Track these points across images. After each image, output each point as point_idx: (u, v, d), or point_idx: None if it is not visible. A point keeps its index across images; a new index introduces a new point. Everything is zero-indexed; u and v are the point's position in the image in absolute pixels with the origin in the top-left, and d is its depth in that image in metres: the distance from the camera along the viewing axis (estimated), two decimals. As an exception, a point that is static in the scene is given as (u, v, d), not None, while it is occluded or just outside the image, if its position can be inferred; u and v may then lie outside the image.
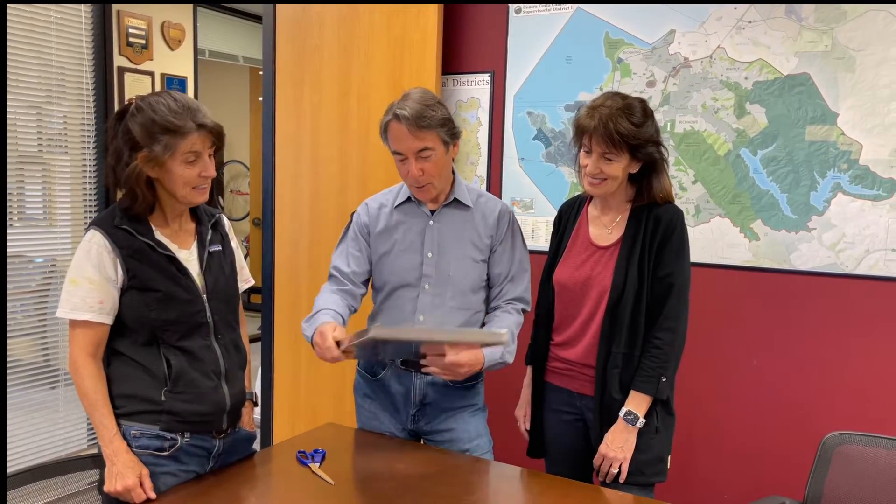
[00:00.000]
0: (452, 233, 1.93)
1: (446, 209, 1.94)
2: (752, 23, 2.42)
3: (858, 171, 2.31)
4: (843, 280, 2.35)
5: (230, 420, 1.76)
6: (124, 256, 1.60)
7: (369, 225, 1.97)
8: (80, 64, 3.50)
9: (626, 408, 1.80)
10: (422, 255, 1.92)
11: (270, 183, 3.20)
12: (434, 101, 1.84)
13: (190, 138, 1.59)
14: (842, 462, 1.79)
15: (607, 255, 1.87)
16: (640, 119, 1.79)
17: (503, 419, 2.18)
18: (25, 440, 3.29)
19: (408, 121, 1.79)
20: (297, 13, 3.07)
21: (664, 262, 1.82)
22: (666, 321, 1.81)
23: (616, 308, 1.82)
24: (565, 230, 1.99)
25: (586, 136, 1.80)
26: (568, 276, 1.91)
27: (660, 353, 1.80)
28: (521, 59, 2.82)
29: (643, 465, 1.82)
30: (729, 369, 2.53)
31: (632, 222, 1.86)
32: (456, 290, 1.92)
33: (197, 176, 1.63)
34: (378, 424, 2.01)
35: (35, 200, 3.43)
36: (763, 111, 2.42)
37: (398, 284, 1.94)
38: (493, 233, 1.95)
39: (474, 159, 2.93)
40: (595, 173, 1.81)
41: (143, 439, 1.63)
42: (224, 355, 1.73)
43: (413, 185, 1.88)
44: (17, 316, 3.30)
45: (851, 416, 2.35)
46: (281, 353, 3.21)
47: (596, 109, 1.79)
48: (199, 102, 1.65)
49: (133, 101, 1.63)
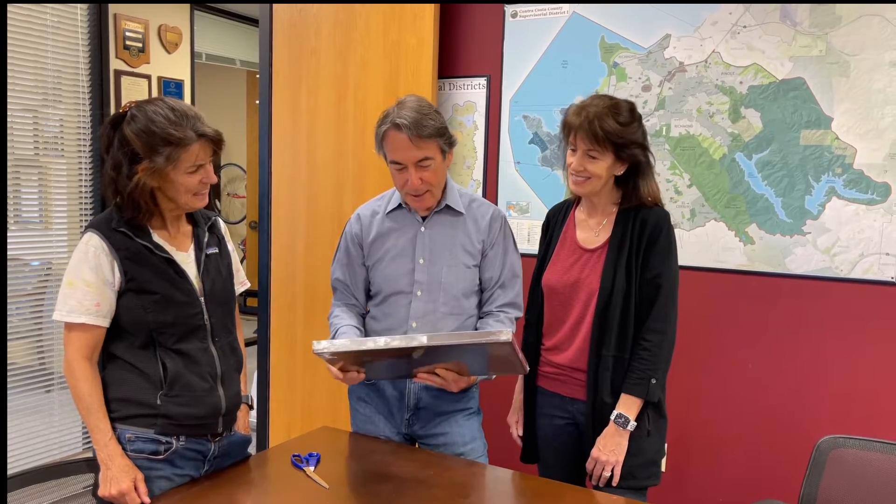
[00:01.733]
0: (444, 239, 1.92)
1: (437, 215, 1.93)
2: (746, 27, 2.43)
3: (853, 176, 2.32)
4: (837, 284, 2.36)
5: (226, 423, 1.76)
6: (122, 259, 1.60)
7: (361, 234, 1.97)
8: (77, 67, 3.50)
9: (616, 411, 1.80)
10: (413, 262, 1.92)
11: (267, 186, 3.20)
12: (431, 110, 1.83)
13: (192, 149, 1.58)
14: (836, 466, 1.79)
15: (595, 258, 1.87)
16: (627, 119, 1.80)
17: (497, 423, 2.18)
18: (20, 444, 3.29)
19: (408, 130, 1.76)
20: (293, 17, 3.07)
21: (651, 263, 1.82)
22: (654, 323, 1.81)
23: (605, 311, 1.82)
24: (553, 234, 1.99)
25: (572, 133, 1.82)
26: (556, 280, 1.92)
27: (649, 356, 1.80)
28: (517, 64, 2.82)
29: (635, 468, 1.82)
30: (723, 373, 2.53)
31: (618, 225, 1.86)
32: (448, 296, 1.92)
33: (198, 183, 1.63)
34: (373, 428, 2.01)
35: (31, 204, 3.42)
36: (758, 115, 2.43)
37: (391, 291, 1.94)
38: (485, 237, 1.94)
39: (470, 163, 2.93)
40: (579, 170, 1.82)
41: (137, 443, 1.63)
42: (221, 358, 1.73)
43: (411, 194, 1.87)
44: (13, 319, 3.29)
45: (846, 419, 2.36)
46: (277, 357, 3.21)
47: (583, 108, 1.81)
48: (195, 109, 1.64)
49: (127, 109, 1.60)
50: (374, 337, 1.90)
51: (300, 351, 3.14)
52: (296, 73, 3.08)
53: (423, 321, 1.91)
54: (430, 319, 1.91)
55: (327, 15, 2.99)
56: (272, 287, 3.20)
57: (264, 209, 3.22)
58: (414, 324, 1.91)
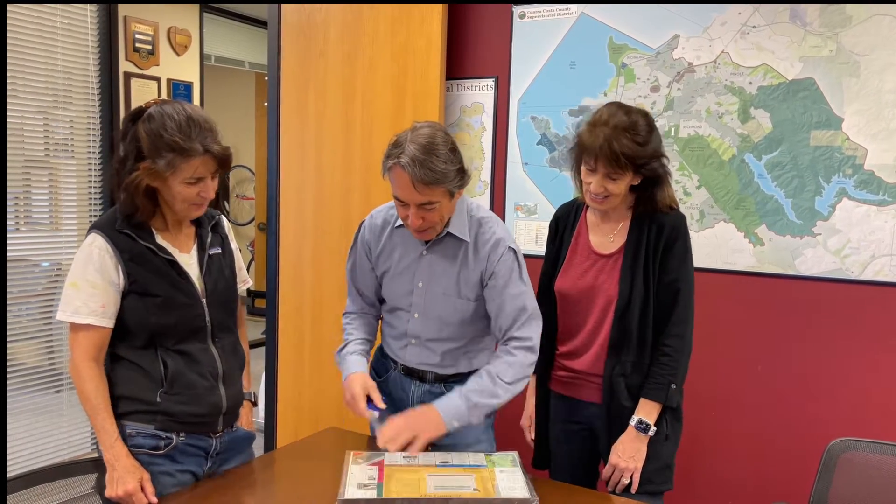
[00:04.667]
0: (443, 267, 1.85)
1: (440, 241, 1.84)
2: (756, 28, 2.41)
3: (863, 176, 2.30)
4: (848, 286, 2.34)
5: (227, 421, 1.76)
6: (125, 261, 1.60)
7: (371, 243, 1.93)
8: (87, 69, 3.52)
9: (636, 416, 1.79)
10: (413, 284, 1.87)
11: (275, 188, 3.20)
12: (445, 150, 1.68)
13: (193, 162, 1.56)
14: (847, 469, 1.77)
15: (611, 264, 1.85)
16: (645, 137, 1.74)
17: (508, 426, 2.16)
18: (29, 444, 3.30)
19: (415, 178, 1.64)
20: (301, 19, 3.08)
21: (669, 268, 1.80)
22: (675, 328, 1.80)
23: (624, 317, 1.80)
24: (563, 237, 1.96)
25: (590, 157, 1.75)
26: (571, 286, 1.89)
27: (669, 361, 1.79)
28: (525, 65, 2.82)
29: (653, 473, 1.81)
30: (733, 375, 2.51)
31: (634, 229, 1.84)
32: (443, 323, 1.87)
33: (196, 195, 1.62)
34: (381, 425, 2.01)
35: (41, 204, 3.44)
36: (767, 116, 2.41)
37: (395, 306, 1.93)
38: (483, 268, 1.82)
39: (478, 164, 2.93)
40: (600, 192, 1.78)
41: (137, 438, 1.63)
42: (222, 358, 1.73)
43: (411, 230, 1.79)
44: (23, 319, 3.31)
45: (856, 422, 2.33)
46: (284, 358, 3.21)
47: (598, 127, 1.74)
48: (213, 123, 1.61)
49: (151, 105, 1.60)
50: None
51: (308, 352, 3.14)
52: (304, 75, 3.09)
53: (419, 341, 1.91)
54: (426, 341, 1.90)
55: (335, 17, 2.99)
56: (280, 288, 3.20)
57: (272, 211, 3.22)
58: (413, 341, 1.92)
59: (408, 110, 2.85)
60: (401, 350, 1.95)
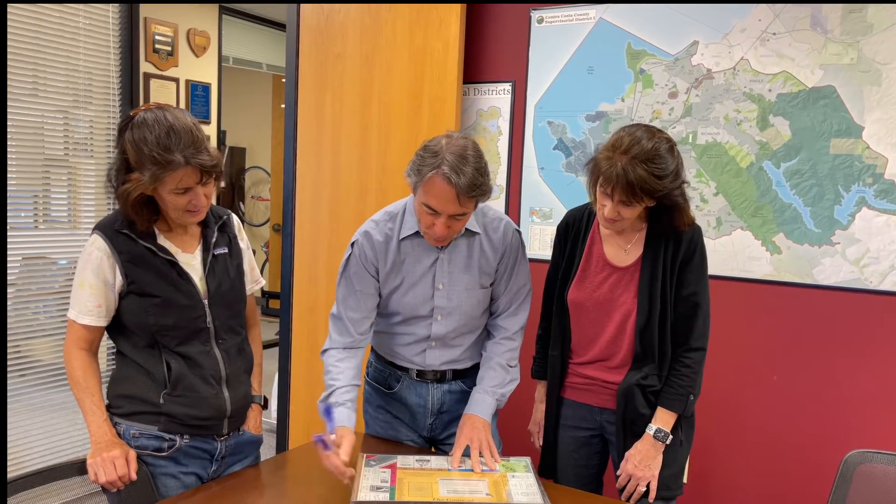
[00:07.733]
0: (462, 262, 1.87)
1: (455, 240, 1.86)
2: (776, 35, 2.40)
3: (884, 186, 2.27)
4: (866, 296, 2.31)
5: (232, 425, 1.75)
6: (123, 262, 1.61)
7: (377, 262, 1.85)
8: (107, 69, 3.55)
9: (655, 425, 1.79)
10: (433, 288, 1.86)
11: (291, 190, 3.22)
12: (483, 163, 1.70)
13: (176, 174, 1.54)
14: (863, 481, 1.75)
15: (627, 276, 1.84)
16: (664, 169, 1.66)
17: (514, 429, 2.16)
18: (44, 440, 3.33)
19: (460, 189, 1.63)
20: (320, 22, 3.09)
21: (688, 281, 1.80)
22: (696, 341, 1.81)
23: (644, 333, 1.80)
24: (575, 245, 1.93)
25: (607, 185, 1.69)
26: (586, 297, 1.87)
27: (690, 373, 1.80)
28: (542, 69, 2.81)
29: (668, 479, 1.81)
30: (749, 384, 2.49)
31: (650, 242, 1.82)
32: (466, 317, 1.90)
33: (187, 203, 1.60)
34: (394, 433, 2.01)
35: (60, 203, 3.48)
36: (787, 123, 2.40)
37: (410, 316, 1.90)
38: (499, 250, 1.89)
39: (494, 168, 2.92)
40: (613, 217, 1.73)
41: (141, 439, 1.64)
42: (225, 360, 1.72)
43: (432, 238, 1.79)
44: (40, 317, 3.34)
45: (874, 434, 2.31)
46: (298, 359, 3.22)
47: (617, 155, 1.66)
48: (198, 131, 1.57)
49: (139, 112, 1.57)
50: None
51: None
52: (321, 78, 3.10)
53: (441, 342, 1.92)
54: (449, 338, 1.92)
55: (354, 20, 3.00)
56: (294, 290, 3.22)
57: (288, 212, 3.24)
58: (434, 343, 1.92)
59: (425, 113, 2.86)
60: (417, 356, 1.94)
